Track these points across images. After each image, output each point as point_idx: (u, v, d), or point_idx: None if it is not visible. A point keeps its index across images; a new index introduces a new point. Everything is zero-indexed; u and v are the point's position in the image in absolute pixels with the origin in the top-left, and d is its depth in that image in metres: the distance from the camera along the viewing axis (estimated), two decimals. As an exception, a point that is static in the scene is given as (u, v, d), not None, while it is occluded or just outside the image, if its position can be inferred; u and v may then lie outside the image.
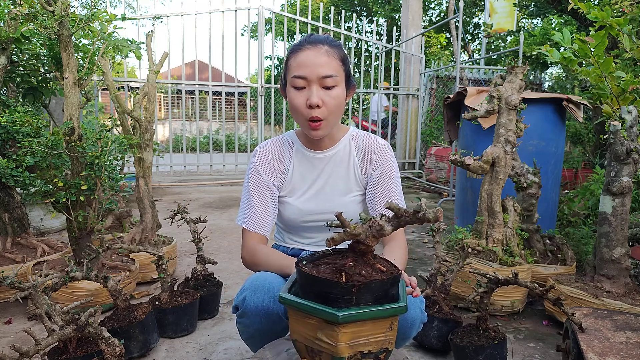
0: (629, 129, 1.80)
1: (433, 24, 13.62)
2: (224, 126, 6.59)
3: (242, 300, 1.10)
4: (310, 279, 0.77)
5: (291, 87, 1.17)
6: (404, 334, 1.08)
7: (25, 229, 2.31)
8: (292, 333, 0.83)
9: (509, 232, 2.09)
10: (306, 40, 1.18)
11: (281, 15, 6.34)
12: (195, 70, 5.97)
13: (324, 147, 1.31)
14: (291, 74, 1.16)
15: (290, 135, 1.36)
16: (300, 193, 1.31)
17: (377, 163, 1.30)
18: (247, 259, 1.26)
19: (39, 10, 1.96)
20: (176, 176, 6.39)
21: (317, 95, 1.13)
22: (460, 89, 2.87)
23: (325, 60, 1.14)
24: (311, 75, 1.13)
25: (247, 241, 1.26)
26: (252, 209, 1.27)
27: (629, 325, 1.33)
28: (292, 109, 1.19)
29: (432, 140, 7.11)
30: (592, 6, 1.95)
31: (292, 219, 1.32)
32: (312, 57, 1.14)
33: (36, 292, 1.32)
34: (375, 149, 1.31)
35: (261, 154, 1.31)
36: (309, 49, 1.15)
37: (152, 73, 2.41)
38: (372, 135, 1.35)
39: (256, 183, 1.29)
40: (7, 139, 2.15)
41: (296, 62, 1.15)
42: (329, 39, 1.19)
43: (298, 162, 1.32)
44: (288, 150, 1.33)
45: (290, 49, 1.21)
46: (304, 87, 1.15)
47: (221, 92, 6.49)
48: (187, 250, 2.95)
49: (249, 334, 1.15)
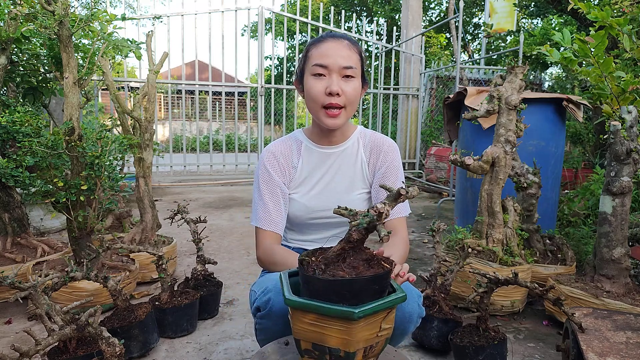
0: (629, 129, 1.80)
1: (433, 24, 13.63)
2: (224, 126, 6.59)
3: (266, 301, 1.08)
4: (324, 282, 0.77)
5: (310, 75, 1.19)
6: (403, 329, 1.08)
7: (25, 229, 2.31)
8: (297, 333, 0.83)
9: (509, 232, 2.09)
10: (327, 35, 1.22)
11: (281, 15, 6.34)
12: (195, 70, 5.97)
13: (334, 142, 1.32)
14: (312, 62, 1.18)
15: (298, 134, 1.36)
16: (307, 189, 1.31)
17: (384, 160, 1.32)
18: (263, 259, 1.25)
19: (39, 10, 1.96)
20: (176, 176, 6.39)
21: (337, 84, 1.16)
22: (460, 89, 2.87)
23: (347, 52, 1.18)
24: (333, 65, 1.16)
25: (263, 240, 1.25)
26: (265, 207, 1.27)
27: (629, 325, 1.33)
28: (310, 96, 1.20)
29: (432, 140, 7.11)
30: (592, 6, 1.95)
31: (298, 215, 1.32)
32: (334, 48, 1.17)
33: (36, 292, 1.32)
34: (383, 147, 1.33)
35: (270, 154, 1.31)
36: (331, 42, 1.19)
37: (152, 73, 2.41)
38: (380, 134, 1.37)
39: (267, 182, 1.29)
40: (7, 139, 2.15)
41: (318, 51, 1.18)
42: (348, 36, 1.23)
43: (307, 159, 1.32)
44: (297, 148, 1.34)
45: (310, 42, 1.24)
46: (324, 75, 1.18)
47: (221, 92, 6.49)
48: (187, 250, 2.95)
49: (267, 335, 1.12)
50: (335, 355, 0.81)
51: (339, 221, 1.31)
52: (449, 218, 4.12)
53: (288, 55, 15.18)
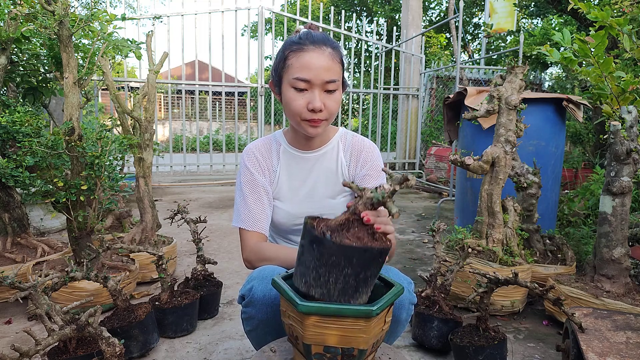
0: (629, 129, 1.80)
1: (433, 24, 13.63)
2: (224, 126, 6.59)
3: (249, 289, 1.09)
4: (337, 246, 0.75)
5: (291, 87, 1.14)
6: (396, 318, 1.09)
7: (25, 229, 2.31)
8: (308, 338, 0.82)
9: (509, 232, 2.09)
10: (307, 39, 1.13)
11: (281, 15, 6.34)
12: (195, 70, 5.97)
13: (313, 147, 1.29)
14: (293, 75, 1.12)
15: (278, 135, 1.33)
16: (290, 196, 1.29)
17: (364, 162, 1.30)
18: (252, 259, 1.22)
19: (39, 10, 1.96)
20: (176, 176, 6.39)
21: (319, 100, 1.12)
22: (460, 89, 2.87)
23: (330, 64, 1.12)
24: (315, 80, 1.11)
25: (248, 241, 1.23)
26: (247, 208, 1.24)
27: (629, 325, 1.33)
28: (290, 109, 1.16)
29: (432, 140, 7.11)
30: (592, 6, 1.95)
31: (282, 222, 1.30)
32: (316, 60, 1.11)
33: (36, 292, 1.32)
34: (363, 148, 1.31)
35: (250, 153, 1.29)
36: (313, 51, 1.11)
37: (152, 73, 2.41)
38: (360, 136, 1.35)
39: (248, 182, 1.26)
40: (7, 139, 2.15)
41: (299, 62, 1.11)
42: (329, 40, 1.16)
43: (286, 164, 1.30)
44: (276, 150, 1.31)
45: (288, 45, 1.15)
46: (305, 90, 1.13)
47: (221, 92, 6.49)
48: (187, 250, 2.95)
49: (253, 325, 1.13)
50: (348, 354, 0.81)
51: None
52: (449, 218, 4.13)
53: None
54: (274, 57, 6.48)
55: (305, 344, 0.82)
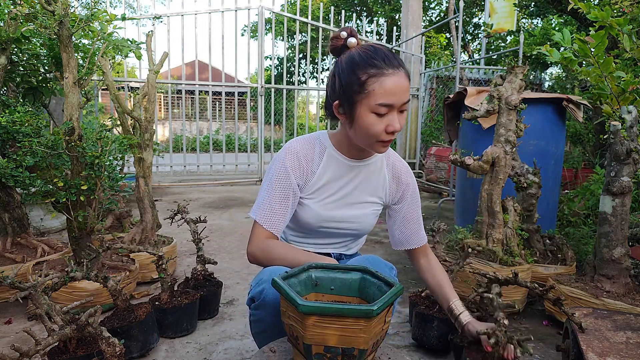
0: (629, 129, 1.80)
1: (433, 24, 13.63)
2: (224, 126, 6.59)
3: (259, 291, 1.08)
4: None
5: (371, 112, 1.11)
6: None
7: (25, 229, 2.31)
8: (309, 338, 0.82)
9: (509, 232, 2.09)
10: (384, 62, 1.10)
11: (281, 15, 6.34)
12: (195, 70, 5.97)
13: (362, 157, 1.28)
14: (376, 101, 1.09)
15: (323, 138, 1.30)
16: (324, 197, 1.28)
17: (406, 185, 1.35)
18: (257, 255, 1.20)
19: (39, 10, 1.96)
20: (176, 176, 6.39)
21: (398, 121, 1.12)
22: (460, 89, 2.87)
23: (407, 86, 1.12)
24: (397, 103, 1.10)
25: (258, 236, 1.21)
26: (271, 207, 1.22)
27: (629, 325, 1.33)
28: (369, 133, 1.13)
29: (432, 140, 7.11)
30: (592, 6, 1.95)
31: (310, 222, 1.29)
32: (398, 83, 1.10)
33: (36, 292, 1.32)
34: (403, 170, 1.36)
35: (293, 153, 1.25)
36: (393, 74, 1.10)
37: (152, 73, 2.41)
38: (398, 156, 1.39)
39: (282, 182, 1.23)
40: (7, 139, 2.15)
41: (382, 89, 1.09)
42: (399, 59, 1.14)
43: (328, 166, 1.28)
44: (319, 152, 1.28)
45: (362, 67, 1.11)
46: (386, 114, 1.12)
47: (221, 92, 6.49)
48: (187, 250, 2.95)
49: (261, 327, 1.13)
50: (349, 354, 0.81)
51: (347, 232, 1.33)
52: (449, 218, 4.12)
53: (288, 55, 15.18)
54: (274, 57, 6.39)
55: (306, 344, 0.82)
